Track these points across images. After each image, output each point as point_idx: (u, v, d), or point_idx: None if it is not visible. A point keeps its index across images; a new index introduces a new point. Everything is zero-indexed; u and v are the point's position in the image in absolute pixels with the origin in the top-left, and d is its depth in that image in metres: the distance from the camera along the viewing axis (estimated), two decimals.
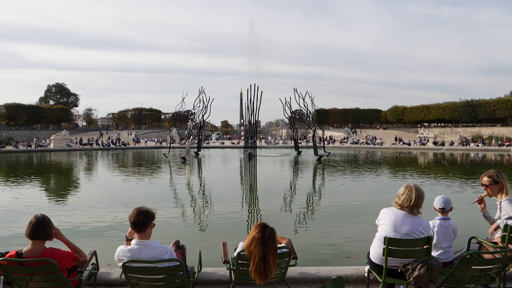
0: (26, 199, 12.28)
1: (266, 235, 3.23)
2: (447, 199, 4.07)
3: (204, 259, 4.30)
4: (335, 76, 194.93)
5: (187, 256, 4.57)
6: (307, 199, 12.69)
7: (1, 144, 46.74)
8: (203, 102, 34.84)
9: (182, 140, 61.57)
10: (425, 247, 3.48)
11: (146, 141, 62.66)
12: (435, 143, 52.84)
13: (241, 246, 3.60)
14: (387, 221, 3.58)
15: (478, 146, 48.16)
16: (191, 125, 37.74)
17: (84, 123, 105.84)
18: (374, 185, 16.09)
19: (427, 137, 54.29)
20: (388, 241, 3.41)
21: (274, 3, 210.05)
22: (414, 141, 54.68)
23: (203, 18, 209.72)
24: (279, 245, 3.45)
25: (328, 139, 55.29)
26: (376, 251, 3.67)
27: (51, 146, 49.33)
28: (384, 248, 3.44)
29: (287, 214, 10.03)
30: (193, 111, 36.33)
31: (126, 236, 3.58)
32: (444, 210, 4.06)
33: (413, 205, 3.51)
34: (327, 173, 21.24)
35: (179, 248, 4.47)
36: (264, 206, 11.20)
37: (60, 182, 18.57)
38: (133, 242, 3.35)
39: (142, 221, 3.27)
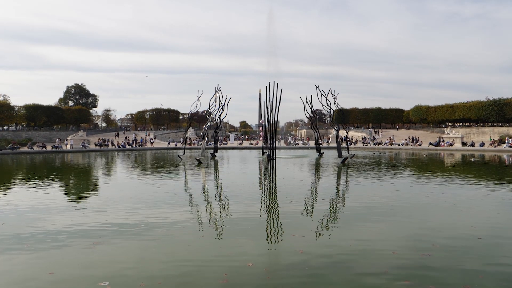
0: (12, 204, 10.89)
1: None
2: None
3: None
4: (355, 76, 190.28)
5: None
6: (337, 214, 10.76)
7: (16, 145, 46.20)
8: (220, 101, 33.25)
9: (192, 140, 60.12)
10: None
11: (152, 142, 60.78)
12: (464, 143, 49.90)
13: None
14: None
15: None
16: (207, 125, 36.22)
17: (103, 124, 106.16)
18: (422, 196, 13.73)
19: (454, 137, 51.30)
20: None
21: (292, 2, 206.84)
22: (442, 141, 51.74)
23: (221, 19, 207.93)
24: None
25: (349, 139, 53.11)
26: None
27: (67, 147, 48.72)
28: None
29: (313, 232, 8.15)
30: (209, 110, 34.73)
31: None
32: None
33: None
34: (356, 178, 19.19)
35: None
36: (286, 224, 9.43)
37: (54, 185, 17.19)
38: None
39: None
